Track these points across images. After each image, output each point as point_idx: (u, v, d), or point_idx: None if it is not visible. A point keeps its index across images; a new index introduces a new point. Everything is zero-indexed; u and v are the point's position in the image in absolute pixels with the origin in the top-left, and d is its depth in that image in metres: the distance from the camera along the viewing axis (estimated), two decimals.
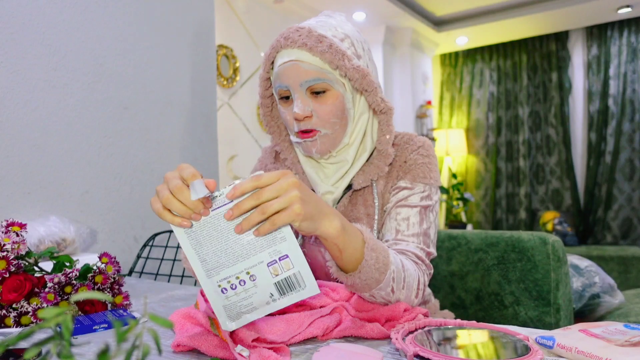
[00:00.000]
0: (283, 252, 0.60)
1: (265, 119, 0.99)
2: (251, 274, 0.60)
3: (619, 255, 3.41)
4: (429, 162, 0.91)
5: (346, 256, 0.67)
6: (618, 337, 0.57)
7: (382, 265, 0.69)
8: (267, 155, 1.04)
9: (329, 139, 0.88)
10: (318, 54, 0.84)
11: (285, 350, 0.62)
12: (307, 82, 0.85)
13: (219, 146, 1.91)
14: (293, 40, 0.85)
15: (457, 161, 5.34)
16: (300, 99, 0.85)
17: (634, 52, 4.44)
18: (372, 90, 0.87)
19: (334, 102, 0.86)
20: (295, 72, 0.85)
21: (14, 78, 1.24)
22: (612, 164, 4.49)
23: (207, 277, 0.60)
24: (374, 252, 0.69)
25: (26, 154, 1.26)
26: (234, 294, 0.60)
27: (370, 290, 0.71)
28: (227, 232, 0.59)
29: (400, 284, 0.74)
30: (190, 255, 0.60)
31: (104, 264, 0.88)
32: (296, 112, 0.85)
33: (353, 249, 0.67)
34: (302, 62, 0.85)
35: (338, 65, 0.85)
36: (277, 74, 0.88)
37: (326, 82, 0.85)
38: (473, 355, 0.59)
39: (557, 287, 1.11)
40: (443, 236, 1.30)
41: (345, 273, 0.70)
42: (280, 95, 0.89)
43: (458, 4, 4.28)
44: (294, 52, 0.85)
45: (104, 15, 1.45)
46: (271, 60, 0.91)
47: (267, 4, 3.51)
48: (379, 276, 0.69)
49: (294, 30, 0.87)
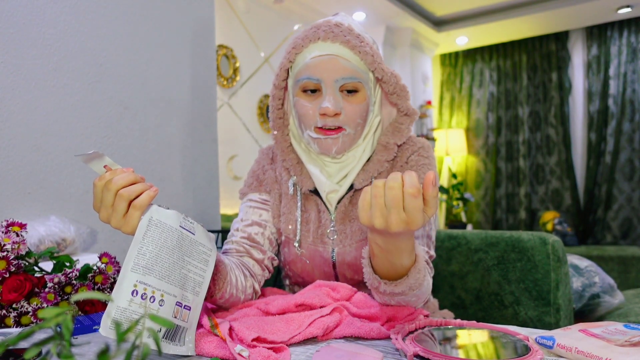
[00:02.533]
0: (189, 304, 0.62)
1: (274, 112, 0.94)
2: (164, 298, 0.59)
3: (619, 255, 3.41)
4: (430, 163, 0.91)
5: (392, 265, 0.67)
6: (618, 337, 0.57)
7: (416, 285, 0.69)
8: (264, 157, 1.03)
9: (350, 138, 0.87)
10: (358, 53, 0.83)
11: (285, 350, 0.62)
12: (344, 78, 0.83)
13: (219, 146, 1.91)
14: (335, 35, 0.83)
15: (457, 161, 5.34)
16: (332, 95, 0.83)
17: (634, 52, 4.44)
18: (404, 94, 0.88)
19: (362, 102, 0.85)
20: (333, 67, 0.82)
21: (14, 78, 1.24)
22: (612, 164, 4.49)
23: (132, 270, 0.57)
24: (418, 273, 0.68)
25: (26, 154, 1.26)
26: (138, 304, 0.57)
27: (392, 297, 0.71)
28: (180, 252, 0.61)
29: (423, 295, 0.75)
30: (136, 240, 0.59)
31: (104, 264, 0.88)
32: (327, 107, 0.82)
33: (400, 265, 0.67)
34: (342, 57, 0.83)
35: (376, 67, 0.84)
36: (307, 66, 0.84)
37: (360, 81, 0.84)
38: (473, 355, 0.59)
39: (557, 287, 1.11)
40: (443, 236, 1.30)
41: (377, 277, 0.69)
42: (305, 87, 0.85)
43: (458, 4, 4.28)
44: (334, 46, 0.83)
45: (104, 15, 1.45)
46: (299, 51, 0.86)
47: (267, 4, 3.51)
48: (408, 291, 0.69)
49: (334, 25, 0.84)
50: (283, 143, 0.95)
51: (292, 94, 0.89)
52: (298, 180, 0.93)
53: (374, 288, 0.72)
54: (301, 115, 0.87)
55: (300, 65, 0.85)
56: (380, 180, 0.58)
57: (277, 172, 0.99)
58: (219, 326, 0.65)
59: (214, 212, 1.82)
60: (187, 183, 1.71)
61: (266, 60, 3.47)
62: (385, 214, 0.57)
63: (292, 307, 0.75)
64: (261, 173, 1.00)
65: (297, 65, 0.86)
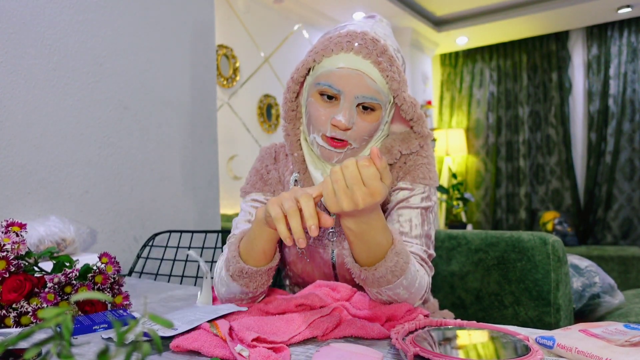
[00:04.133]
0: None
1: (287, 105, 0.92)
2: None
3: (619, 255, 3.41)
4: (428, 162, 0.91)
5: (369, 250, 0.70)
6: (618, 337, 0.57)
7: (398, 270, 0.70)
8: (267, 156, 1.02)
9: (354, 152, 0.87)
10: (386, 77, 0.82)
11: (285, 350, 0.62)
12: (364, 97, 0.82)
13: (219, 146, 1.91)
14: (368, 52, 0.81)
15: (457, 161, 5.34)
16: (348, 110, 0.82)
17: (634, 52, 4.44)
18: (420, 122, 0.89)
19: (375, 121, 0.85)
20: (357, 83, 0.81)
21: (14, 78, 1.24)
22: (612, 164, 4.49)
23: None
24: (397, 256, 0.70)
25: (26, 154, 1.26)
26: None
27: (379, 287, 0.73)
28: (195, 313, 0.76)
29: (413, 288, 0.75)
30: None
31: (103, 264, 0.88)
32: (340, 121, 0.81)
33: (376, 245, 0.69)
34: (368, 76, 0.81)
35: (399, 94, 0.84)
36: (333, 74, 0.82)
37: (379, 103, 0.84)
38: (473, 355, 0.59)
39: (557, 287, 1.11)
40: (443, 236, 1.30)
41: (359, 265, 0.72)
42: (323, 92, 0.84)
43: (458, 4, 4.28)
44: (365, 63, 0.81)
45: (104, 15, 1.45)
46: (328, 55, 0.83)
47: (267, 4, 3.51)
48: (391, 278, 0.71)
49: (370, 41, 0.82)
50: (293, 137, 0.93)
51: (307, 92, 0.88)
52: (300, 178, 0.93)
53: (358, 278, 0.74)
54: (312, 118, 0.86)
55: (325, 69, 0.84)
56: (335, 166, 0.63)
57: (280, 172, 0.99)
58: (219, 326, 0.65)
59: (214, 212, 1.82)
60: (187, 183, 1.71)
61: (266, 60, 3.47)
62: (349, 194, 0.63)
63: (292, 307, 0.75)
64: (265, 173, 0.99)
65: (321, 68, 0.84)
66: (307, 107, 0.88)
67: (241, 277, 0.77)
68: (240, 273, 0.76)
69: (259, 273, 0.77)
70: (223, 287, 0.82)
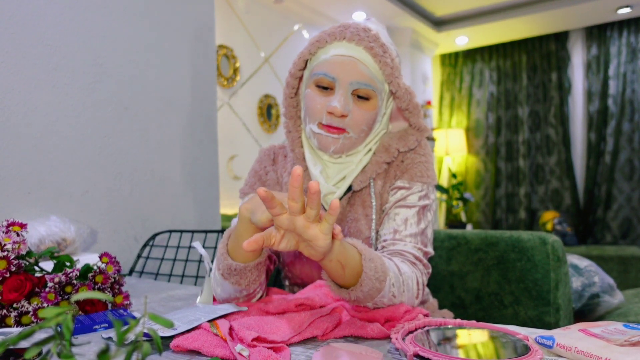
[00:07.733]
0: None
1: (287, 101, 0.94)
2: None
3: (619, 255, 3.41)
4: (426, 160, 0.92)
5: (348, 271, 0.68)
6: (618, 336, 0.57)
7: (381, 274, 0.70)
8: (266, 157, 1.03)
9: (351, 142, 0.87)
10: (379, 62, 0.83)
11: (285, 350, 0.63)
12: (358, 83, 0.83)
13: (219, 146, 1.91)
14: (360, 38, 0.83)
15: (457, 161, 5.34)
16: (343, 96, 0.83)
17: (634, 52, 4.44)
18: (416, 112, 0.89)
19: (371, 110, 0.86)
20: (351, 69, 0.83)
21: (14, 78, 1.24)
22: (612, 164, 4.50)
23: None
24: (372, 262, 0.69)
25: (26, 154, 1.26)
26: None
27: (372, 300, 0.72)
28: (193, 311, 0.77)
29: (401, 288, 0.75)
30: None
31: (104, 264, 0.88)
32: (335, 107, 0.82)
33: (353, 262, 0.68)
34: (361, 62, 0.83)
35: (392, 80, 0.84)
36: (327, 62, 0.84)
37: (374, 90, 0.84)
38: (473, 355, 0.59)
39: (556, 287, 1.11)
40: (443, 236, 1.30)
41: (346, 289, 0.71)
42: (319, 83, 0.85)
43: (458, 4, 4.28)
44: (357, 49, 0.83)
45: (104, 15, 1.45)
46: (322, 46, 0.86)
47: (267, 4, 3.51)
48: (379, 285, 0.70)
49: (362, 29, 0.84)
50: (295, 133, 0.94)
51: (305, 85, 0.90)
52: None
53: (350, 302, 0.72)
54: (309, 108, 0.87)
55: (319, 60, 0.86)
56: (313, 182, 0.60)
57: (278, 173, 0.99)
58: (219, 326, 0.65)
59: (214, 212, 1.82)
60: (187, 183, 1.71)
61: (266, 60, 3.47)
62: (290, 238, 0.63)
63: (292, 307, 0.75)
64: (263, 174, 1.00)
65: (316, 59, 0.87)
66: (304, 99, 0.89)
67: (231, 274, 0.76)
68: (229, 270, 0.76)
69: (247, 269, 0.76)
70: (218, 287, 0.82)
